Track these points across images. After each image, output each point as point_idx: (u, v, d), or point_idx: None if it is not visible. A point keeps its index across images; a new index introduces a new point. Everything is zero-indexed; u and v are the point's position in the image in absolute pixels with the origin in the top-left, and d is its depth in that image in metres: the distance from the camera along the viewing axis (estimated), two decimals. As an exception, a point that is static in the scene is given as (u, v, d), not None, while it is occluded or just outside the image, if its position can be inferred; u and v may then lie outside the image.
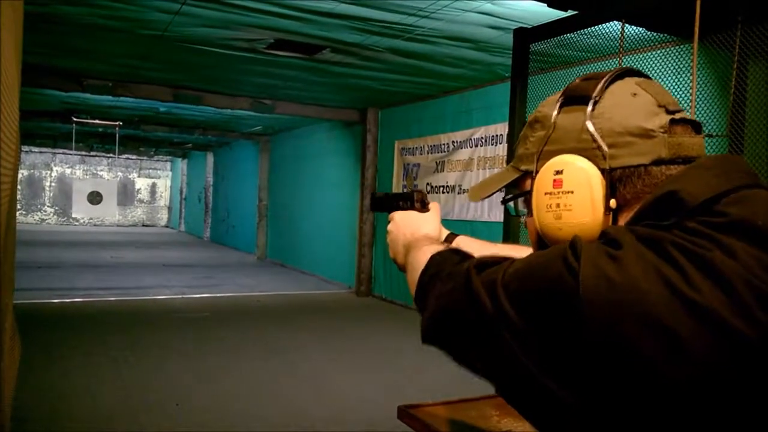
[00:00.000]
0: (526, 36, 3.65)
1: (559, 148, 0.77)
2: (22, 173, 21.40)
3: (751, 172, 0.72)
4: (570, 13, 3.43)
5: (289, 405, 4.37)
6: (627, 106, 0.74)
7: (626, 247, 0.64)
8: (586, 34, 3.41)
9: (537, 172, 0.79)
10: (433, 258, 0.88)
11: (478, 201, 0.89)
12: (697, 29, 2.60)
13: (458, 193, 7.51)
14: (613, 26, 3.27)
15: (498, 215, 6.51)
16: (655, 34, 3.79)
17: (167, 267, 11.97)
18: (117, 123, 11.66)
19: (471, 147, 7.32)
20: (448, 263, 0.83)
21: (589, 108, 0.75)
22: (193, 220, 21.47)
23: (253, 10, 4.87)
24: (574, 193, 0.74)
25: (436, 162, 7.95)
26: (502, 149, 6.67)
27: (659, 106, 0.74)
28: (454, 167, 7.61)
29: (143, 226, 24.98)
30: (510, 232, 3.64)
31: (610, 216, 0.74)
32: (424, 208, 1.22)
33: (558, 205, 0.76)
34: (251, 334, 6.56)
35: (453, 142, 7.64)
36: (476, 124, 7.25)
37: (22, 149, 16.65)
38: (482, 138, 7.14)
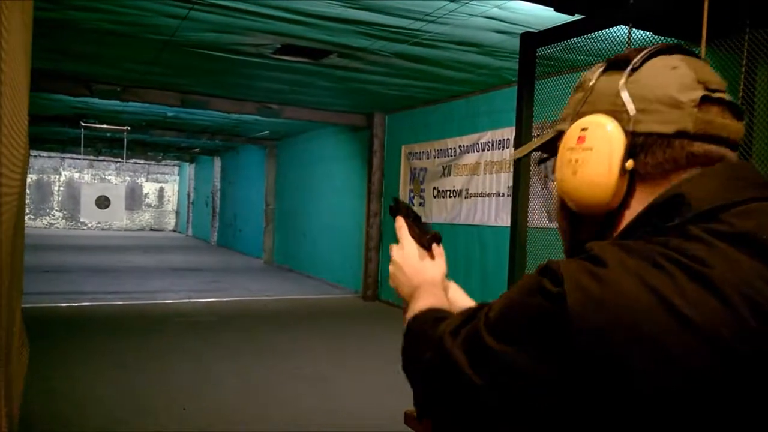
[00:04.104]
0: (532, 40, 3.64)
1: (593, 110, 0.77)
2: (31, 177, 21.52)
3: (763, 184, 0.71)
4: (577, 17, 3.43)
5: (295, 409, 4.37)
6: (663, 77, 0.74)
7: (611, 264, 0.63)
8: (592, 39, 3.40)
9: None
10: (410, 323, 0.88)
11: (518, 158, 0.85)
12: (704, 33, 2.60)
13: (465, 198, 7.50)
14: (620, 30, 3.26)
15: (505, 220, 6.49)
16: (662, 38, 3.78)
17: (174, 271, 12.01)
18: (125, 128, 11.72)
19: (478, 151, 7.32)
20: (425, 326, 0.82)
21: (626, 73, 0.75)
22: (201, 224, 21.54)
23: (260, 15, 4.88)
24: (593, 150, 0.74)
25: (443, 166, 7.95)
26: (509, 153, 6.66)
27: (699, 82, 0.73)
28: (461, 171, 7.60)
29: (151, 230, 25.06)
30: (517, 236, 3.63)
31: (626, 179, 0.73)
32: (428, 250, 1.09)
33: (577, 161, 0.75)
34: (258, 338, 6.57)
35: (460, 146, 7.64)
36: (483, 129, 7.24)
37: (31, 154, 16.76)
38: (489, 142, 7.13)
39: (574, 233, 0.81)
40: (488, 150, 7.14)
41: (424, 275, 1.03)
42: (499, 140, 6.96)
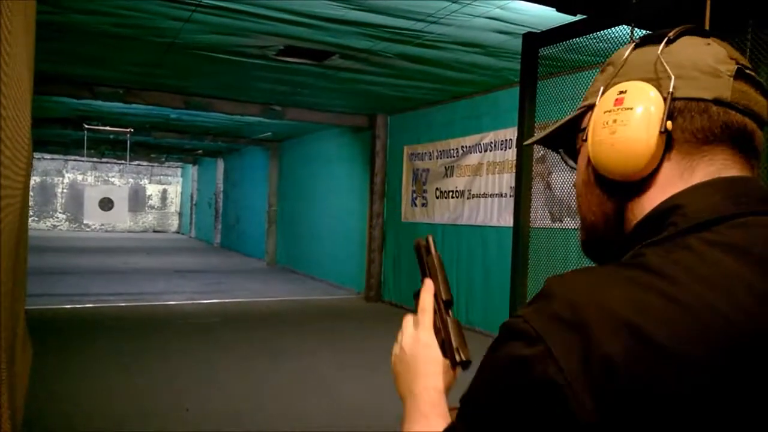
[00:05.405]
0: (534, 40, 3.64)
1: (627, 79, 0.77)
2: (35, 180, 21.58)
3: (766, 198, 0.70)
4: (579, 17, 3.43)
5: (299, 410, 4.37)
6: (698, 49, 0.75)
7: (576, 307, 0.60)
8: (595, 39, 3.40)
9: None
10: None
11: (529, 144, 0.81)
12: (707, 33, 2.58)
13: (468, 198, 7.49)
14: (623, 30, 3.26)
15: (508, 220, 6.49)
16: (664, 38, 3.78)
17: (178, 273, 12.02)
18: (128, 130, 11.74)
19: (480, 152, 7.31)
20: None
21: (662, 44, 0.76)
22: (204, 226, 21.57)
23: (263, 17, 4.89)
24: (633, 110, 0.74)
25: (445, 167, 7.95)
26: (511, 154, 6.65)
27: (731, 58, 0.75)
28: (464, 172, 7.60)
29: (154, 232, 25.10)
30: (520, 237, 3.63)
31: (663, 143, 0.73)
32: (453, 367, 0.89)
33: (615, 121, 0.75)
34: (261, 339, 6.57)
35: (462, 147, 7.64)
36: (485, 129, 7.24)
37: (35, 156, 16.78)
38: (491, 143, 7.13)
39: (603, 208, 0.78)
40: (491, 150, 7.14)
41: (426, 384, 0.89)
42: (502, 141, 6.96)
